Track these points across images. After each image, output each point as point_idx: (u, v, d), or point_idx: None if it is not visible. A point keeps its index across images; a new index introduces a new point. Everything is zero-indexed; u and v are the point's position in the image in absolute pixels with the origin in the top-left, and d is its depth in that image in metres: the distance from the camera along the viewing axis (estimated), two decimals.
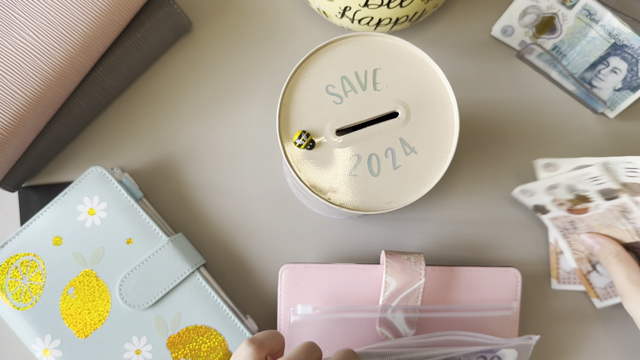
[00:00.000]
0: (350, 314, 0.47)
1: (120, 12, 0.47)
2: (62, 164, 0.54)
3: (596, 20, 0.53)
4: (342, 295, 0.48)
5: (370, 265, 0.49)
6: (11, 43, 0.45)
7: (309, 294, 0.49)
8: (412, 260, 0.47)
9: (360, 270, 0.49)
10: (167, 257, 0.49)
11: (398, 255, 0.47)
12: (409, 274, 0.46)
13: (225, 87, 0.55)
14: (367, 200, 0.41)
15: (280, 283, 0.49)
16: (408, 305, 0.47)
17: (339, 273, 0.49)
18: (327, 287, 0.48)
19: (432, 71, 0.42)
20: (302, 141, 0.40)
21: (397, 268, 0.46)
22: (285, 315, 0.49)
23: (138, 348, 0.48)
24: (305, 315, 0.47)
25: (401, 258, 0.47)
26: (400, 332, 0.47)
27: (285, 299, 0.49)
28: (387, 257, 0.47)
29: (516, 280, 0.49)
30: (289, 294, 0.49)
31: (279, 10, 0.56)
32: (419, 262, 0.47)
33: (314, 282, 0.49)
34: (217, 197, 0.54)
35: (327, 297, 0.48)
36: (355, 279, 0.49)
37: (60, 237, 0.49)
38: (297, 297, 0.49)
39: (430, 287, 0.49)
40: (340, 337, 0.47)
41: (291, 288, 0.49)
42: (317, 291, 0.49)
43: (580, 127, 0.55)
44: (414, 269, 0.46)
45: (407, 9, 0.49)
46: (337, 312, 0.47)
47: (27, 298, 0.48)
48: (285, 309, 0.49)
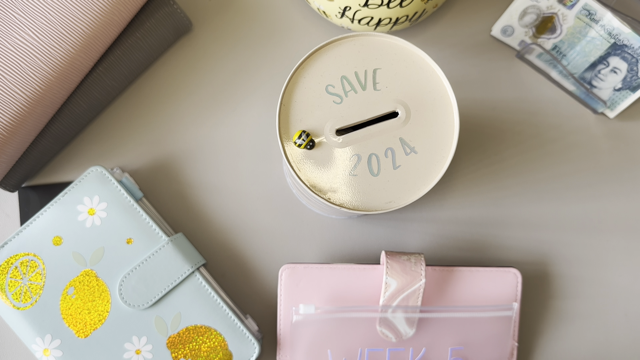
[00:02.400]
0: (351, 313, 0.47)
1: (120, 12, 0.47)
2: (62, 164, 0.54)
3: (596, 20, 0.53)
4: (342, 296, 0.48)
5: (370, 266, 0.49)
6: (11, 43, 0.45)
7: (309, 294, 0.49)
8: (412, 261, 0.47)
9: (360, 270, 0.49)
10: (167, 257, 0.48)
11: (398, 255, 0.47)
12: (410, 275, 0.46)
13: (225, 87, 0.55)
14: (367, 200, 0.41)
15: (281, 283, 0.49)
16: (408, 305, 0.47)
17: (339, 273, 0.49)
18: (327, 288, 0.48)
19: (432, 71, 0.42)
20: (302, 141, 0.40)
21: (397, 269, 0.46)
22: (285, 315, 0.49)
23: (138, 348, 0.48)
24: (307, 315, 0.47)
25: (401, 259, 0.47)
26: (400, 332, 0.47)
27: (286, 299, 0.49)
28: (387, 258, 0.47)
29: (516, 280, 0.49)
30: (289, 294, 0.49)
31: (279, 10, 0.56)
32: (419, 262, 0.47)
33: (314, 282, 0.49)
34: (217, 197, 0.54)
35: (327, 297, 0.48)
36: (355, 279, 0.49)
37: (60, 237, 0.49)
38: (297, 298, 0.49)
39: (430, 287, 0.49)
40: (340, 336, 0.47)
41: (291, 288, 0.49)
42: (317, 291, 0.49)
43: (580, 127, 0.55)
44: (414, 270, 0.46)
45: (407, 9, 0.49)
46: (338, 312, 0.47)
47: (27, 298, 0.48)
48: (286, 309, 0.49)
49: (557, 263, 0.54)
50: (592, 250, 0.54)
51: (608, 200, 0.55)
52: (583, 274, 0.54)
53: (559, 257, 0.54)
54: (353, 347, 0.48)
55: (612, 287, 0.54)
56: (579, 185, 0.55)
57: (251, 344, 0.48)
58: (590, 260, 0.54)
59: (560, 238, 0.54)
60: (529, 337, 0.53)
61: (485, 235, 0.54)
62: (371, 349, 0.48)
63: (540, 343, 0.53)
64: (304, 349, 0.48)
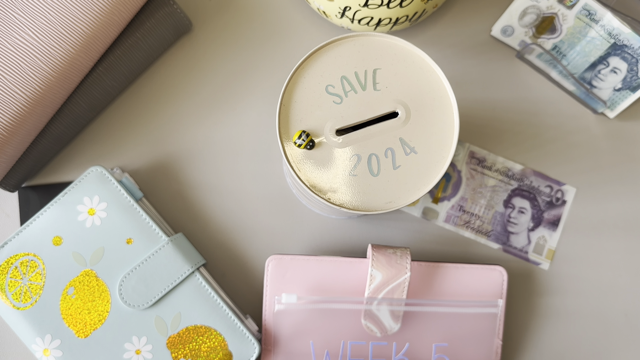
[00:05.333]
0: (335, 305, 0.47)
1: (120, 12, 0.47)
2: (62, 164, 0.54)
3: (596, 20, 0.53)
4: (328, 288, 0.49)
5: (357, 259, 0.49)
6: (11, 43, 0.45)
7: (295, 285, 0.49)
8: (398, 254, 0.47)
9: (347, 263, 0.49)
10: (167, 257, 0.49)
11: (384, 249, 0.47)
12: (395, 268, 0.46)
13: (225, 87, 0.55)
14: (367, 200, 0.41)
15: (267, 273, 0.49)
16: (393, 298, 0.47)
17: (325, 266, 0.49)
18: (314, 279, 0.49)
19: (432, 71, 0.42)
20: (302, 141, 0.40)
21: (382, 261, 0.47)
22: (270, 305, 0.49)
23: (138, 348, 0.48)
24: (289, 304, 0.47)
25: (387, 252, 0.47)
26: (385, 326, 0.47)
27: (271, 289, 0.49)
28: (373, 250, 0.47)
29: (502, 278, 0.50)
30: (275, 284, 0.49)
31: (278, 10, 0.56)
32: (404, 256, 0.47)
33: (300, 273, 0.49)
34: (217, 197, 0.54)
35: (313, 289, 0.48)
36: (342, 272, 0.49)
37: (60, 237, 0.49)
38: (283, 288, 0.49)
39: (415, 282, 0.49)
40: (324, 328, 0.47)
41: (277, 279, 0.49)
42: (303, 283, 0.49)
43: (580, 127, 0.55)
44: (399, 263, 0.47)
45: (407, 9, 0.49)
46: (321, 302, 0.47)
47: (27, 298, 0.48)
48: (270, 299, 0.49)
49: (558, 263, 0.54)
50: (592, 250, 0.54)
51: (608, 200, 0.55)
52: (582, 273, 0.54)
53: (559, 257, 0.54)
54: (336, 339, 0.48)
55: (612, 287, 0.54)
56: (579, 185, 0.55)
57: (251, 344, 0.48)
58: (590, 260, 0.54)
59: (561, 238, 0.54)
60: (524, 336, 0.53)
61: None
62: (354, 342, 0.48)
63: (539, 342, 0.53)
64: (285, 339, 0.48)
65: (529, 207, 0.53)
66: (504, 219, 0.53)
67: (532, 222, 0.53)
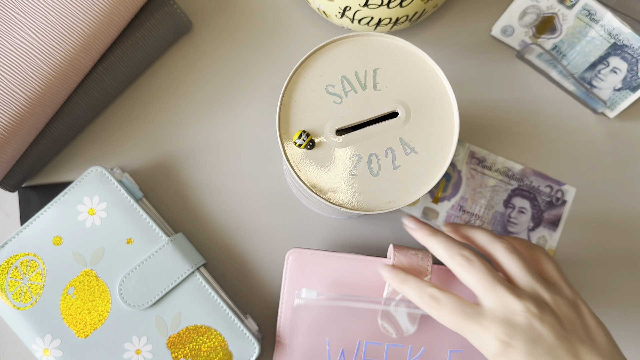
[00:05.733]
0: (353, 303, 0.47)
1: (120, 12, 0.47)
2: (62, 164, 0.54)
3: (596, 20, 0.53)
4: (347, 285, 0.48)
5: (377, 258, 0.48)
6: (11, 43, 0.45)
7: (314, 280, 0.48)
8: (419, 256, 0.47)
9: (366, 262, 0.48)
10: (167, 257, 0.49)
11: (406, 250, 0.47)
12: (416, 270, 0.46)
13: (225, 87, 0.55)
14: (367, 200, 0.41)
15: (286, 267, 0.49)
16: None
17: (345, 263, 0.48)
18: (332, 276, 0.48)
19: (432, 71, 0.42)
20: (302, 141, 0.40)
21: (404, 263, 0.46)
22: (287, 299, 0.49)
23: (138, 348, 0.48)
24: (309, 299, 0.47)
25: (409, 253, 0.47)
26: (401, 327, 0.47)
27: (290, 283, 0.49)
28: (395, 251, 0.47)
29: None
30: (294, 278, 0.49)
31: (279, 10, 0.56)
32: (426, 258, 0.46)
33: (320, 269, 0.48)
34: (217, 197, 0.54)
35: (332, 285, 0.48)
36: (361, 270, 0.48)
37: (60, 237, 0.49)
38: (301, 282, 0.48)
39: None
40: (340, 326, 0.47)
41: (296, 273, 0.49)
42: (322, 278, 0.48)
43: (580, 127, 0.55)
44: (421, 265, 0.46)
45: (407, 9, 0.49)
46: (340, 299, 0.47)
47: (27, 298, 0.48)
48: (289, 293, 0.49)
49: (558, 263, 0.54)
50: (592, 250, 0.54)
51: (608, 200, 0.55)
52: (582, 273, 0.54)
53: (559, 257, 0.54)
54: (352, 338, 0.48)
55: (612, 287, 0.54)
56: (579, 185, 0.55)
57: (251, 344, 0.48)
58: (590, 260, 0.54)
59: (561, 238, 0.54)
60: None
61: None
62: (370, 342, 0.48)
63: None
64: (302, 334, 0.48)
65: (529, 207, 0.53)
66: (504, 219, 0.53)
67: (532, 222, 0.53)
